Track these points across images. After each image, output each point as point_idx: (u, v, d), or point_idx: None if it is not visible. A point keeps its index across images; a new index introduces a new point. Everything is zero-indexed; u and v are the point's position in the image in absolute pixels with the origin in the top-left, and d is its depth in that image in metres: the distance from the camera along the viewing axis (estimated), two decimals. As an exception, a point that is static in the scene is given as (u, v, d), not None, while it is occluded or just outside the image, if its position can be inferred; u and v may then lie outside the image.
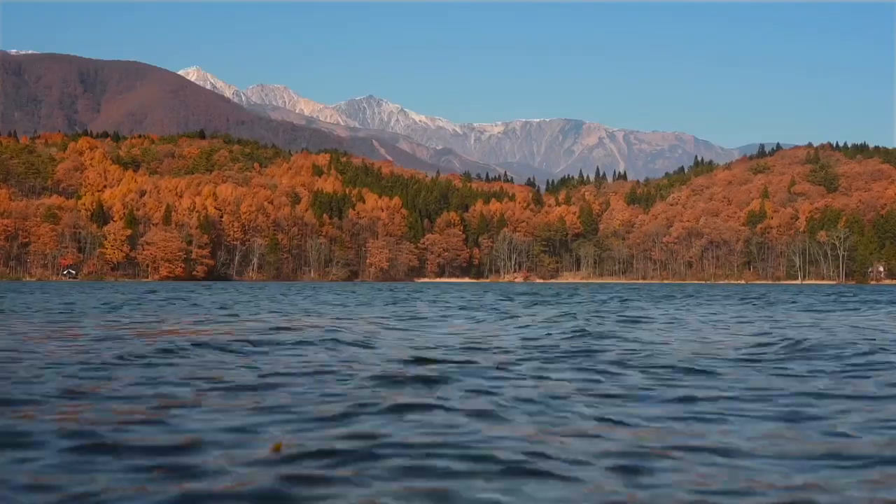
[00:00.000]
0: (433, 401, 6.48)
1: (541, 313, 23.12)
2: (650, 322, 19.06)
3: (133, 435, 5.23)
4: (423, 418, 5.82)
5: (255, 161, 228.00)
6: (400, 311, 24.86)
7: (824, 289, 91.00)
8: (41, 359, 9.65)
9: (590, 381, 7.98)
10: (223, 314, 22.22)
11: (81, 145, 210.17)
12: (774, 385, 7.75)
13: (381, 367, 8.92)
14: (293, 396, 6.82)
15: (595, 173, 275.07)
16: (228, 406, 6.35)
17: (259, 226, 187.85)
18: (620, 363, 9.46)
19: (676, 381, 8.01)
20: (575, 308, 27.54)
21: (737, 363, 9.68)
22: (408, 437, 5.16)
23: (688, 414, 6.20)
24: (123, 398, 6.76)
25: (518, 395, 6.90)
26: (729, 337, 14.18)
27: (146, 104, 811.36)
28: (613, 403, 6.65)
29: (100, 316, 20.77)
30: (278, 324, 17.04)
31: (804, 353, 10.88)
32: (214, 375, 8.07)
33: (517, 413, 6.11)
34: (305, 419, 5.82)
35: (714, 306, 30.63)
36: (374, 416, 5.94)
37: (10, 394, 6.79)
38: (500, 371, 8.54)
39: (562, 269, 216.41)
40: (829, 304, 34.83)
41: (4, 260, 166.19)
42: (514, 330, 15.87)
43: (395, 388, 7.31)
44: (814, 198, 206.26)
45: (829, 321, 20.16)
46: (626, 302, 35.90)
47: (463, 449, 4.89)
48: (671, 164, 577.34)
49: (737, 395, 7.13)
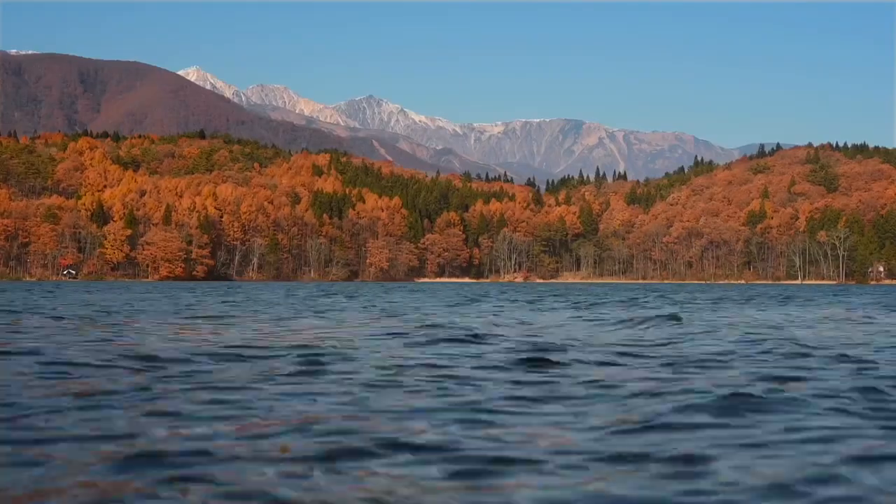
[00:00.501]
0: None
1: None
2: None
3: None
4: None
5: (255, 161, 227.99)
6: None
7: (835, 289, 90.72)
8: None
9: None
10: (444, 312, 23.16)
11: (81, 145, 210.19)
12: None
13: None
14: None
15: (595, 173, 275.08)
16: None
17: (259, 226, 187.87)
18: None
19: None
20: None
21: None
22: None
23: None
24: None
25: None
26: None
27: (146, 104, 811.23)
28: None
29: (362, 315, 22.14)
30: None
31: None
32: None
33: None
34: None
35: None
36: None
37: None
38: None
39: (562, 269, 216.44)
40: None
41: (4, 260, 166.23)
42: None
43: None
44: (814, 198, 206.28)
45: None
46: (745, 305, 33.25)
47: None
48: (671, 164, 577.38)
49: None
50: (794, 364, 9.94)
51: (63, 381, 8.08)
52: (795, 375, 8.74)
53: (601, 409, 6.62)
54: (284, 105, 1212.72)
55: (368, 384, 7.92)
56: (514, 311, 25.63)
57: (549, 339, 13.57)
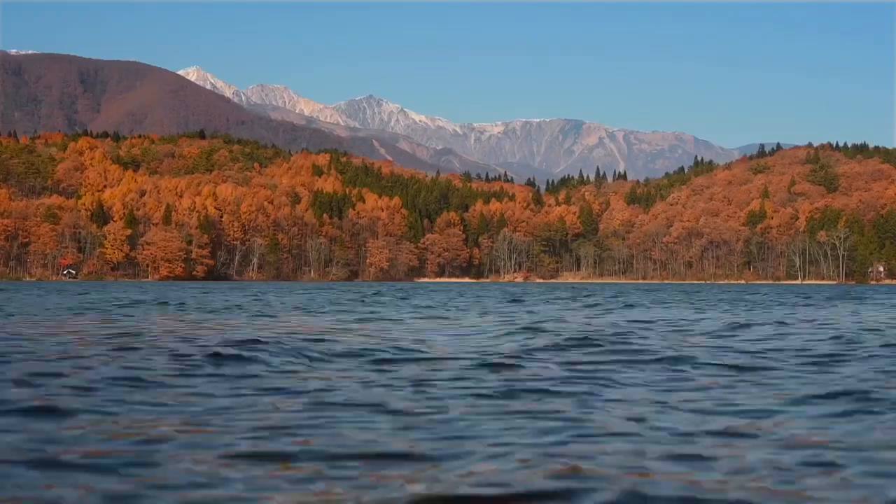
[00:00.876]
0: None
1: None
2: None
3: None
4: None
5: (255, 161, 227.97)
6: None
7: (840, 288, 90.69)
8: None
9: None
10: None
11: (81, 145, 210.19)
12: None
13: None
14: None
15: (595, 173, 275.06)
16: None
17: (259, 226, 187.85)
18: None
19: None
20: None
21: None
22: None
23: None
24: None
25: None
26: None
27: (146, 104, 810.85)
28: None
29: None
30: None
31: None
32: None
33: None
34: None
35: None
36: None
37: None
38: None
39: (562, 269, 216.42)
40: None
41: (4, 260, 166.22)
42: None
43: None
44: (814, 198, 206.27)
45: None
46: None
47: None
48: (671, 164, 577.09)
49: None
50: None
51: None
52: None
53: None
54: (284, 105, 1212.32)
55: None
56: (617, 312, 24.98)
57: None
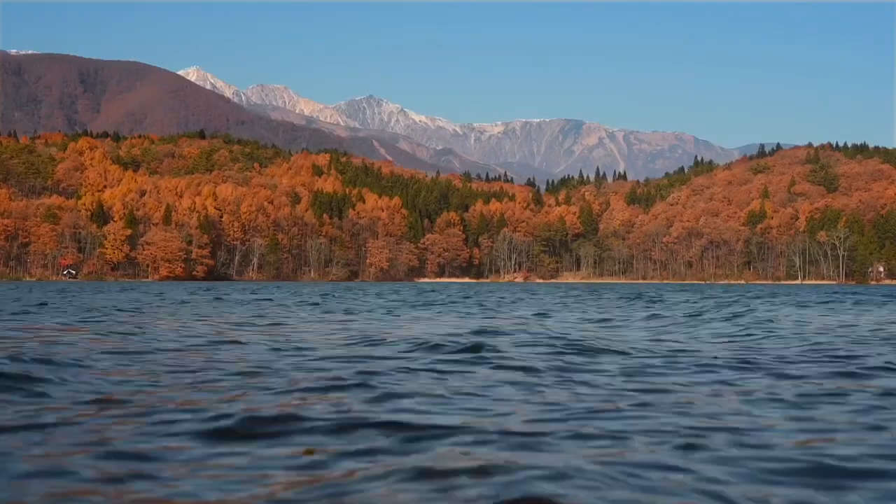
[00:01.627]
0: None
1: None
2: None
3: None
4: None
5: (255, 161, 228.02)
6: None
7: (837, 289, 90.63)
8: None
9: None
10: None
11: (81, 145, 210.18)
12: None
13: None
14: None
15: (595, 173, 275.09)
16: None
17: (259, 226, 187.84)
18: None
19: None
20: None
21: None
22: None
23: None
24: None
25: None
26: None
27: (146, 104, 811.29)
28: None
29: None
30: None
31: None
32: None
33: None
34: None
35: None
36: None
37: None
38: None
39: (562, 269, 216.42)
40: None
41: (4, 260, 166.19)
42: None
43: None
44: (814, 198, 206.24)
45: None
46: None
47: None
48: (671, 164, 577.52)
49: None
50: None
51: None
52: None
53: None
54: (284, 105, 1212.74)
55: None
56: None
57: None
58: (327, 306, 27.33)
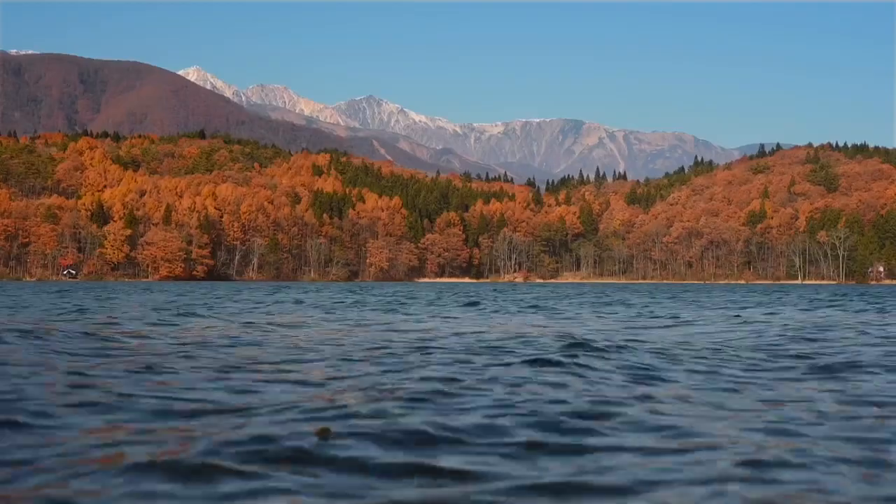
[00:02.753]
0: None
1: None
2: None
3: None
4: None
5: (255, 161, 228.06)
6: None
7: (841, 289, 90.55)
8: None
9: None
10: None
11: (81, 145, 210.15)
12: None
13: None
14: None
15: (595, 173, 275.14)
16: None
17: (259, 226, 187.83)
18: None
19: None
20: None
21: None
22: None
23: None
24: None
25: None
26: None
27: (146, 104, 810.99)
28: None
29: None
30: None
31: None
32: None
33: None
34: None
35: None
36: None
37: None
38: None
39: (562, 269, 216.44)
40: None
41: (4, 260, 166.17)
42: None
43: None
44: (814, 198, 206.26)
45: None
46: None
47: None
48: (671, 164, 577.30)
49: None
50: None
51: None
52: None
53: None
54: (284, 105, 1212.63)
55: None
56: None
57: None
58: (409, 308, 26.53)
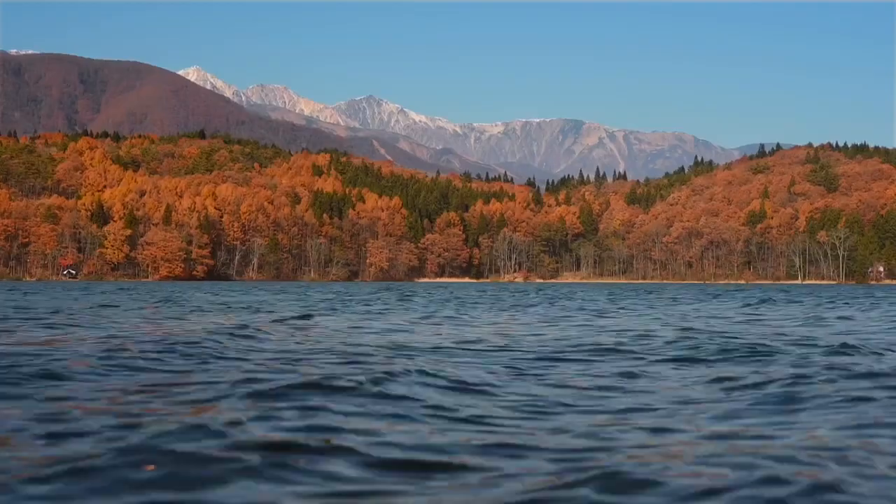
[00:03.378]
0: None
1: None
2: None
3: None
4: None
5: (255, 161, 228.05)
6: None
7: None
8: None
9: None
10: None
11: (81, 145, 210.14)
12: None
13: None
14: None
15: (595, 173, 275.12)
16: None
17: (259, 226, 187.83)
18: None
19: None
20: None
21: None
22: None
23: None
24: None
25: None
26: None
27: (146, 104, 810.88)
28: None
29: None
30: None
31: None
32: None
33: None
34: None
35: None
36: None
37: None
38: None
39: (562, 269, 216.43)
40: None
41: (4, 260, 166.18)
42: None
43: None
44: (814, 198, 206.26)
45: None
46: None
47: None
48: (671, 164, 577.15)
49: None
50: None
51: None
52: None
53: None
54: (284, 105, 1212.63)
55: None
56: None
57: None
58: (468, 311, 26.35)
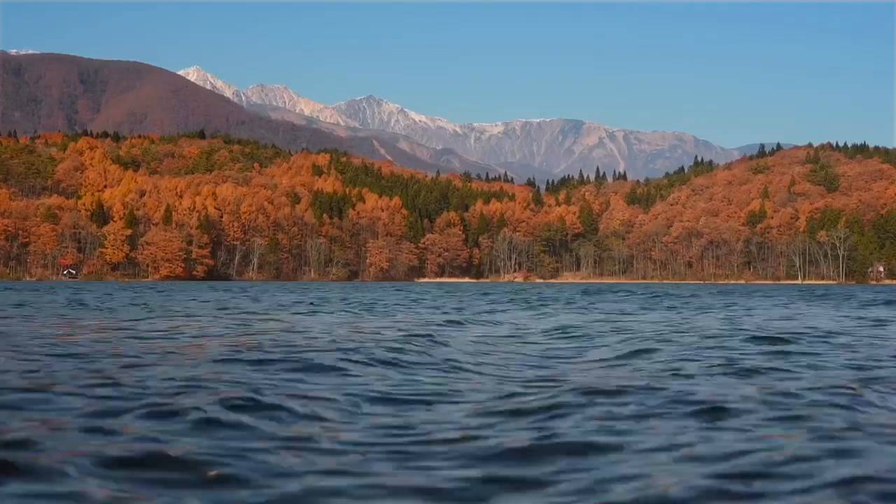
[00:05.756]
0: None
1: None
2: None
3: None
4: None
5: (255, 161, 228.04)
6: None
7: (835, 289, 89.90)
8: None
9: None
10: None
11: (81, 145, 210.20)
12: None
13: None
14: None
15: (595, 173, 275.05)
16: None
17: (259, 226, 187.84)
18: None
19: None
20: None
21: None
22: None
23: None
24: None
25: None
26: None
27: (146, 104, 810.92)
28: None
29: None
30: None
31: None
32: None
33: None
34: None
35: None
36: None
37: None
38: None
39: (562, 269, 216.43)
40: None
41: (4, 260, 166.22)
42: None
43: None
44: (814, 198, 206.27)
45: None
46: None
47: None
48: (671, 164, 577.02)
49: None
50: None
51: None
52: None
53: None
54: (284, 105, 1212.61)
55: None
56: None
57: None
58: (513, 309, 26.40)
